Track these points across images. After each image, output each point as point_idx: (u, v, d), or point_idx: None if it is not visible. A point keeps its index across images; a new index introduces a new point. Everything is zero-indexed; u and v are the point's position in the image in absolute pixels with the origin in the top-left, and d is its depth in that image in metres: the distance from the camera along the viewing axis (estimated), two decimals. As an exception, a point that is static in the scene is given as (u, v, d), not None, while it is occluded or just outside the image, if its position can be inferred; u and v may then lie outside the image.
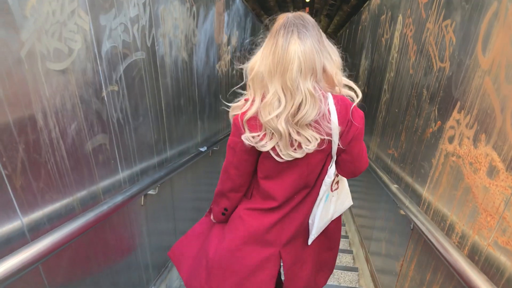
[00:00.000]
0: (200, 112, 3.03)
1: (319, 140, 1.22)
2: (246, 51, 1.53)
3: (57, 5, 1.23)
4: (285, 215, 1.41)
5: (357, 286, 2.87)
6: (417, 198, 1.84)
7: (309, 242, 1.51)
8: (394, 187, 2.07)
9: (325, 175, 1.36)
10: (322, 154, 1.30)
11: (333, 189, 1.46)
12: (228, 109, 1.33)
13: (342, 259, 3.24)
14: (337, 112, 1.23)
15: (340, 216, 1.62)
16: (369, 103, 3.46)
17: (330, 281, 2.89)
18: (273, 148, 1.26)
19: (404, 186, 2.07)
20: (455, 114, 1.49)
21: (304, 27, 1.21)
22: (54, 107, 1.25)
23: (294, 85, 1.17)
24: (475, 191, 1.27)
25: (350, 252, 3.33)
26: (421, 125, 1.89)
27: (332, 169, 1.34)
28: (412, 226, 1.86)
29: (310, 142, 1.22)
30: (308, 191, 1.39)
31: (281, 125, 1.20)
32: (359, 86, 1.38)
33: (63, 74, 1.29)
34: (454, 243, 1.38)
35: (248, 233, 1.42)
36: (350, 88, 1.34)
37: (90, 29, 1.43)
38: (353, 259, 3.27)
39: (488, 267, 1.14)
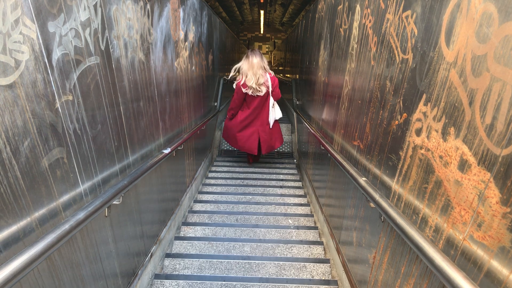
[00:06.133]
0: (161, 112, 2.91)
1: (265, 89, 4.83)
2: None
3: (-2, 15, 1.10)
4: (256, 115, 5.05)
5: (329, 279, 2.88)
6: (386, 190, 1.84)
7: (270, 126, 5.16)
8: (362, 180, 2.07)
9: (269, 100, 4.95)
10: (266, 93, 4.88)
11: (272, 107, 5.03)
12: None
13: (313, 251, 3.25)
14: (270, 78, 4.84)
15: (277, 123, 5.32)
16: (330, 94, 3.46)
17: (304, 275, 2.89)
18: (251, 92, 4.82)
19: (372, 178, 2.08)
20: (421, 106, 1.48)
21: (256, 53, 4.81)
22: (3, 125, 1.12)
23: (256, 71, 4.74)
24: (446, 185, 1.27)
25: (320, 243, 3.35)
26: (386, 117, 1.89)
27: (271, 98, 4.94)
28: (383, 218, 1.86)
29: (262, 90, 4.81)
30: (263, 107, 5.00)
31: (254, 84, 4.73)
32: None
33: (10, 89, 1.16)
34: (428, 236, 1.38)
35: (241, 117, 5.07)
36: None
37: (38, 38, 1.30)
38: (324, 250, 3.28)
39: (465, 262, 1.14)
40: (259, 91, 4.78)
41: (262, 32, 18.09)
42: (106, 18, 1.86)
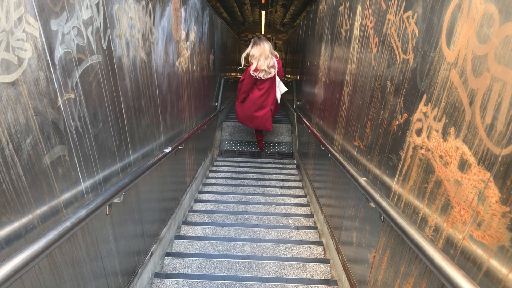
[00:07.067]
0: (162, 112, 2.91)
1: (274, 71, 5.44)
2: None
3: (1, 12, 1.10)
4: (266, 96, 5.59)
5: (329, 278, 2.89)
6: (386, 190, 1.85)
7: (278, 101, 5.78)
8: (363, 180, 2.08)
9: (276, 80, 5.55)
10: (274, 75, 5.49)
11: (277, 85, 5.62)
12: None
13: (313, 250, 3.26)
14: (276, 61, 5.45)
15: (278, 103, 5.85)
16: (331, 94, 3.47)
17: (304, 275, 2.89)
18: (263, 75, 5.39)
19: (372, 178, 2.08)
20: (421, 106, 1.49)
21: (265, 39, 5.41)
22: (5, 122, 1.13)
23: (267, 56, 5.31)
24: (446, 184, 1.27)
25: (320, 243, 3.35)
26: (386, 117, 1.89)
27: (278, 78, 5.58)
28: (383, 218, 1.87)
29: (271, 72, 5.41)
30: (272, 87, 5.57)
31: (265, 67, 5.32)
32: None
33: (13, 86, 1.16)
34: (428, 236, 1.39)
35: (253, 97, 5.63)
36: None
37: (41, 36, 1.31)
38: (324, 250, 3.29)
39: (465, 261, 1.15)
40: (269, 73, 5.36)
41: (263, 32, 18.10)
42: (108, 17, 1.86)
